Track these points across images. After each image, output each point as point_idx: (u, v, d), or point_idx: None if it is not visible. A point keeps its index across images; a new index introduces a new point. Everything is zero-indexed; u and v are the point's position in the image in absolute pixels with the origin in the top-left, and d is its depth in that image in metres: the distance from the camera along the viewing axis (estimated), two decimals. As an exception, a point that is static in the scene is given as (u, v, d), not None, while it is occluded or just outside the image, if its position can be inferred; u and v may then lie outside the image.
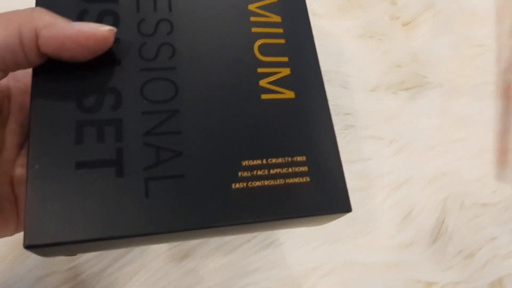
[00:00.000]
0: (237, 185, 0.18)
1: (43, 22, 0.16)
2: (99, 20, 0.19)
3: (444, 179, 0.36)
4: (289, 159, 0.19)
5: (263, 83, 0.20)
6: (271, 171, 0.18)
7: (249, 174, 0.18)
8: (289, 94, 0.20)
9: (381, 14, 0.41)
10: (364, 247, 0.33)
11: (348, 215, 0.19)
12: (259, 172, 0.18)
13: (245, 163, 0.18)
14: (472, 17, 0.43)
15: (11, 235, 0.20)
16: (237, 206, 0.17)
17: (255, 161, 0.18)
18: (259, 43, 0.21)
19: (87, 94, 0.18)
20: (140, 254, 0.31)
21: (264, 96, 0.20)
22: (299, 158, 0.19)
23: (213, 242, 0.32)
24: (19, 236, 0.30)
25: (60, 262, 0.30)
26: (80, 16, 0.19)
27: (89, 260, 0.30)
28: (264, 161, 0.18)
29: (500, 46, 0.42)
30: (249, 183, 0.18)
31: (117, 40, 0.19)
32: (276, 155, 0.19)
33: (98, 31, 0.17)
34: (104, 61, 0.18)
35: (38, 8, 0.17)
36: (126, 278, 0.30)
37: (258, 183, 0.18)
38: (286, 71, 0.20)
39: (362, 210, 0.34)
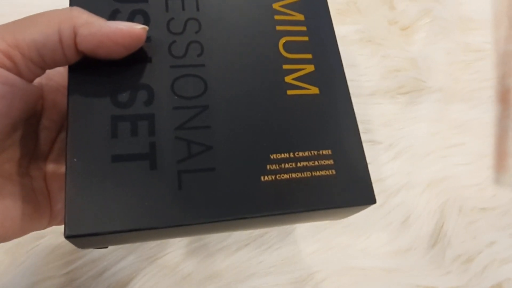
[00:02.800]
0: (266, 178, 0.18)
1: (82, 21, 0.17)
2: (130, 19, 0.20)
3: (443, 184, 0.36)
4: (315, 152, 0.19)
5: (288, 79, 0.21)
6: (298, 164, 0.19)
7: (277, 167, 0.19)
8: (314, 90, 0.21)
9: (380, 19, 0.42)
10: (362, 252, 0.33)
11: (346, 220, 0.19)
12: (287, 165, 0.19)
13: (273, 156, 0.19)
14: (470, 22, 0.43)
15: (43, 228, 0.20)
16: (266, 198, 0.18)
17: (282, 154, 0.19)
18: (284, 41, 0.21)
19: (121, 90, 0.19)
20: (136, 259, 0.31)
21: (290, 92, 0.20)
22: (324, 152, 0.19)
23: (210, 247, 0.32)
24: (15, 240, 0.29)
25: (56, 267, 0.30)
26: (113, 15, 0.20)
27: (86, 264, 0.30)
28: (291, 155, 0.19)
29: (498, 51, 0.42)
30: (277, 175, 0.18)
31: (148, 38, 0.19)
32: (303, 149, 0.19)
33: (133, 29, 0.18)
34: (136, 58, 0.19)
35: (76, 8, 0.18)
36: (123, 283, 0.30)
37: (286, 176, 0.18)
38: (310, 68, 0.21)
39: (360, 215, 0.34)
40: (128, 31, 0.17)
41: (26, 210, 0.19)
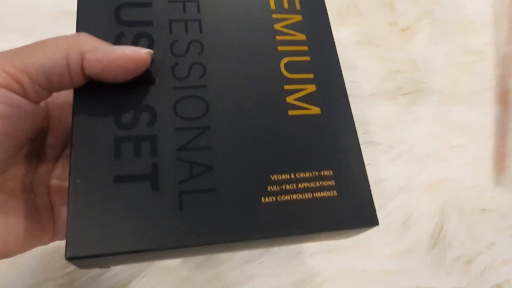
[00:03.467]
0: (267, 199, 0.18)
1: (88, 46, 0.17)
2: (135, 42, 0.20)
3: (443, 185, 0.36)
4: (316, 173, 0.19)
5: (290, 99, 0.21)
6: (299, 185, 0.19)
7: (278, 188, 0.18)
8: (315, 110, 0.21)
9: (380, 20, 0.42)
10: (362, 254, 0.33)
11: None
12: (288, 186, 0.19)
13: (274, 177, 0.19)
14: (470, 24, 0.44)
15: (47, 243, 0.21)
16: (267, 220, 0.18)
17: (283, 175, 0.19)
18: (286, 61, 0.21)
19: (125, 111, 0.19)
20: (137, 260, 0.31)
21: (291, 112, 0.20)
22: (326, 173, 0.19)
23: (211, 248, 0.32)
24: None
25: (56, 268, 0.30)
26: (118, 39, 0.20)
27: (86, 266, 0.30)
28: (293, 175, 0.19)
29: (498, 52, 0.42)
30: (278, 197, 0.18)
31: (152, 60, 0.20)
32: (304, 169, 0.19)
33: (138, 54, 0.18)
34: (140, 80, 0.19)
35: (84, 33, 0.18)
36: (122, 284, 0.30)
37: (286, 197, 0.18)
38: (312, 88, 0.21)
39: (360, 216, 0.34)
40: (133, 55, 0.18)
41: (29, 227, 0.19)
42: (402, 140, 0.37)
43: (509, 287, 0.34)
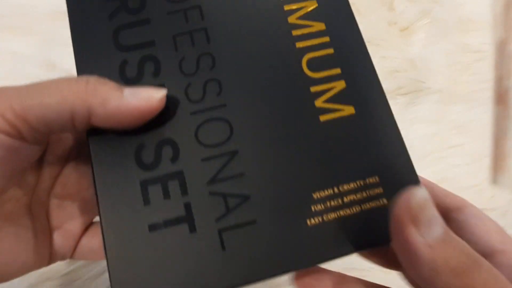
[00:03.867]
0: (313, 221, 0.17)
1: (98, 99, 0.16)
2: (140, 70, 0.18)
3: (442, 185, 0.36)
4: (361, 182, 0.17)
5: (319, 103, 0.18)
6: (345, 199, 0.17)
7: (322, 207, 0.17)
8: (349, 110, 0.18)
9: (379, 20, 0.42)
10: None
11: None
12: (333, 203, 0.17)
13: (316, 195, 0.17)
14: (469, 23, 0.43)
15: (46, 265, 0.20)
16: (316, 245, 0.16)
17: (326, 191, 0.17)
18: (307, 59, 0.19)
19: (144, 150, 0.17)
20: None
21: (322, 118, 0.18)
22: (371, 180, 0.17)
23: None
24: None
25: (55, 268, 0.30)
26: (122, 69, 0.18)
27: (86, 266, 0.30)
28: (336, 190, 0.17)
29: (497, 52, 0.42)
30: (324, 216, 0.17)
31: (162, 86, 0.18)
32: (347, 180, 0.17)
33: (152, 103, 0.16)
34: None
35: (92, 79, 0.16)
36: (122, 284, 0.30)
37: (333, 215, 0.17)
38: (341, 85, 0.19)
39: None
40: (147, 105, 0.16)
41: (26, 252, 0.18)
42: (401, 139, 0.37)
43: (508, 286, 0.34)
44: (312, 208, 0.17)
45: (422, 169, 0.37)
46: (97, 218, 0.22)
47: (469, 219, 0.17)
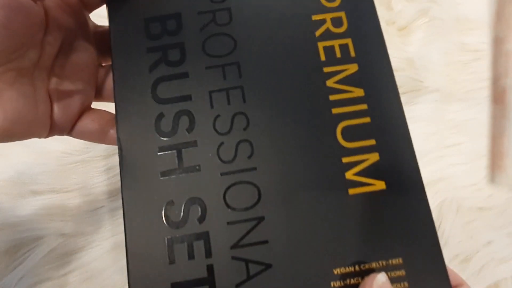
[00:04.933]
0: None
1: None
2: (175, 122, 0.19)
3: (440, 184, 0.37)
4: (384, 263, 0.17)
5: (349, 175, 0.18)
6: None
7: (341, 284, 0.17)
8: (380, 185, 0.18)
9: (376, 19, 0.42)
10: None
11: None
12: (353, 281, 0.17)
13: (336, 271, 0.17)
14: (467, 22, 0.44)
15: (45, 137, 0.21)
16: None
17: (347, 268, 0.17)
18: (342, 126, 0.19)
19: (173, 207, 0.17)
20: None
21: (352, 191, 0.18)
22: (395, 261, 0.17)
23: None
24: (12, 241, 0.29)
25: (54, 268, 0.30)
26: (158, 121, 0.19)
27: (84, 266, 0.30)
28: (357, 268, 0.17)
29: (495, 51, 0.42)
30: None
31: (194, 142, 0.18)
32: (370, 259, 0.17)
33: None
34: (185, 168, 0.18)
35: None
36: (121, 284, 0.30)
37: None
38: (375, 157, 0.18)
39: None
40: None
41: (30, 114, 0.19)
42: (400, 139, 0.37)
43: (506, 285, 0.34)
44: (332, 284, 0.17)
45: (420, 168, 0.37)
46: (96, 104, 0.23)
47: None
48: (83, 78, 0.22)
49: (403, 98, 0.43)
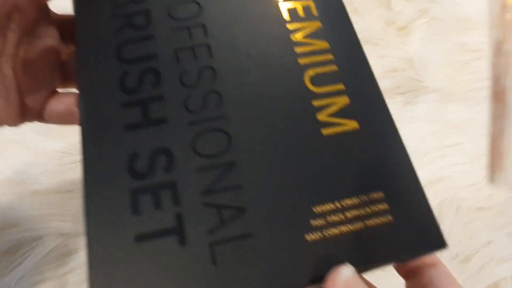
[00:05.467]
0: (312, 236, 0.16)
1: None
2: (141, 79, 0.18)
3: (440, 184, 0.36)
4: (365, 197, 0.17)
5: (321, 116, 0.18)
6: (347, 214, 0.16)
7: (323, 222, 0.16)
8: (353, 125, 0.18)
9: (377, 19, 0.42)
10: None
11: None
12: (334, 218, 0.16)
13: (316, 209, 0.16)
14: (467, 22, 0.44)
15: (17, 124, 0.21)
16: (315, 262, 0.15)
17: (327, 205, 0.16)
18: (310, 74, 0.19)
19: (138, 159, 0.17)
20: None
21: (325, 131, 0.18)
22: (376, 195, 0.17)
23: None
24: (12, 242, 0.29)
25: (53, 268, 0.30)
26: (122, 79, 0.18)
27: (83, 266, 0.30)
28: (338, 204, 0.16)
29: (495, 51, 0.42)
30: (325, 231, 0.16)
31: (161, 97, 0.18)
32: (350, 195, 0.17)
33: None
34: (150, 120, 0.18)
35: None
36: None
37: (335, 231, 0.16)
38: (344, 100, 0.18)
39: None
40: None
41: (1, 103, 0.19)
42: (399, 138, 0.38)
43: (506, 285, 0.34)
44: (312, 223, 0.16)
45: (420, 168, 0.37)
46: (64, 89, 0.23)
47: (439, 276, 0.17)
48: (48, 63, 0.22)
49: (402, 98, 0.43)
